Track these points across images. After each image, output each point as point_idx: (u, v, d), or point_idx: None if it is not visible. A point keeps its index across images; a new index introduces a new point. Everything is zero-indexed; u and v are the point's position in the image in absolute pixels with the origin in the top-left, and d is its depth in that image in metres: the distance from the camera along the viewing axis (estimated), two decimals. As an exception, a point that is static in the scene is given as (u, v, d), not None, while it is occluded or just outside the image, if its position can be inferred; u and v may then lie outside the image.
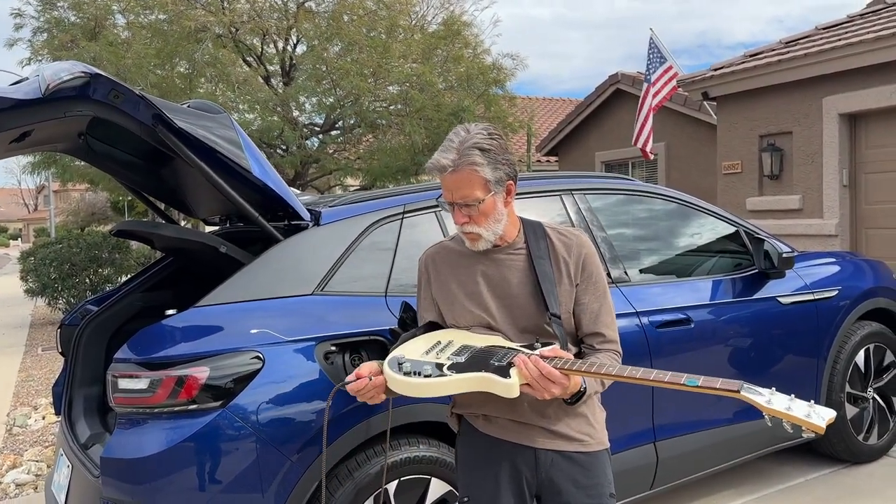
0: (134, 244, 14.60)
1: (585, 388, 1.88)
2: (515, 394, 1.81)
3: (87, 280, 11.42)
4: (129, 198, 17.77)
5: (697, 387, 1.69)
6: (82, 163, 10.96)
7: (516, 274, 2.03)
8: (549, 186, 3.38)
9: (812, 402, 1.66)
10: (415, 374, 1.87)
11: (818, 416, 1.62)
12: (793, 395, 1.68)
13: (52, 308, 11.62)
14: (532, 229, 2.08)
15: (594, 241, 3.32)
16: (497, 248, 2.05)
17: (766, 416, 1.65)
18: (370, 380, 1.95)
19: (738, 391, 1.64)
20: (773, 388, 1.69)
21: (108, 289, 11.33)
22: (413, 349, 1.99)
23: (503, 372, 1.82)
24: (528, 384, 1.79)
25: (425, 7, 10.91)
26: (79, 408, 3.26)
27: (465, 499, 2.10)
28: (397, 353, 1.98)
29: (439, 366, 1.88)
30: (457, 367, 1.87)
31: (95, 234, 12.24)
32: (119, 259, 11.71)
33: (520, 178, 2.08)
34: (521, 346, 1.92)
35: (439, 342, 2.00)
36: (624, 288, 3.30)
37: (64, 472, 2.89)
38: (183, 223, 5.93)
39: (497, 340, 1.97)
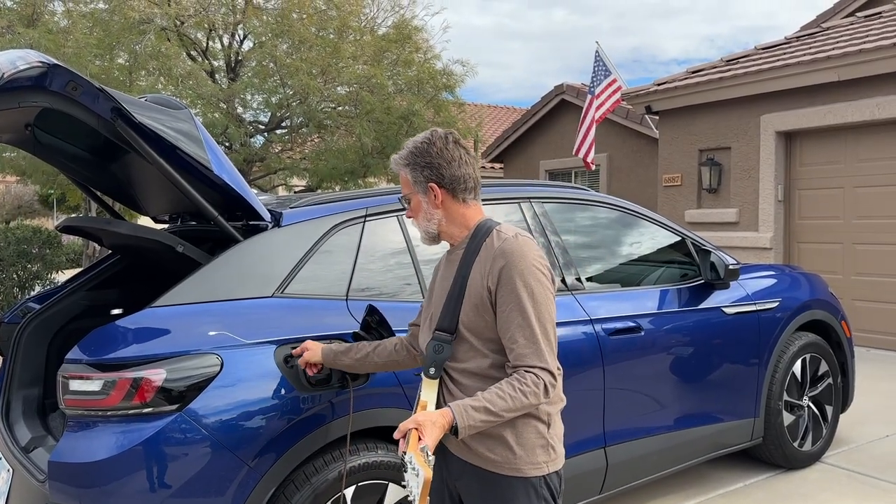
0: (65, 239, 14.06)
1: (457, 423, 1.79)
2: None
3: (15, 276, 10.94)
4: (61, 192, 17.12)
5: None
6: (13, 153, 10.51)
7: (451, 276, 2.08)
8: (507, 194, 3.41)
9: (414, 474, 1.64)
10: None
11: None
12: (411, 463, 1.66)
13: (-24, 304, 11.09)
14: (478, 232, 2.05)
15: (549, 249, 3.37)
16: (453, 246, 2.13)
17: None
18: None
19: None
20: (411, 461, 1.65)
21: (37, 285, 10.91)
22: None
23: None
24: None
25: (375, 10, 10.86)
26: (18, 409, 3.12)
27: None
28: None
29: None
30: None
31: (25, 228, 11.74)
32: (49, 255, 11.27)
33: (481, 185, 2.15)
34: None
35: None
36: (578, 295, 3.35)
37: (3, 476, 2.77)
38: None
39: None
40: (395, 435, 1.77)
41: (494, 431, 1.94)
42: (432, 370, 2.01)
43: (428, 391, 2.01)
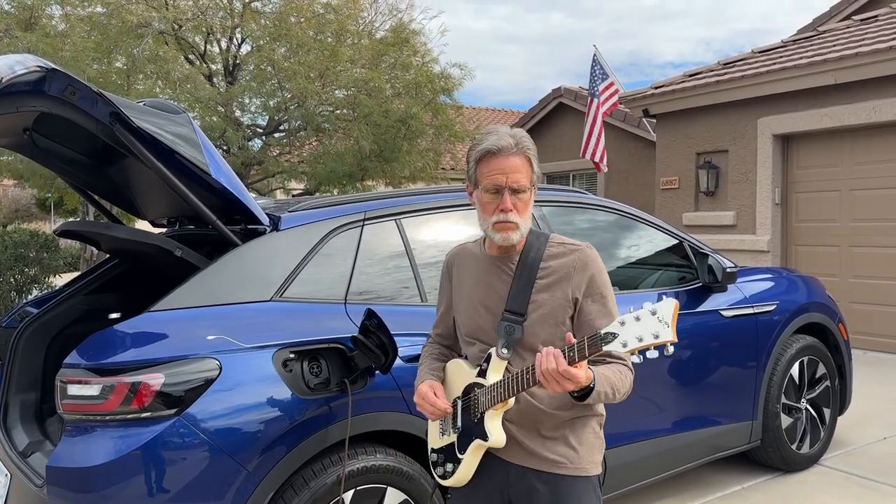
0: (62, 243, 14.05)
1: (595, 385, 1.78)
2: (501, 444, 1.93)
3: (12, 280, 10.93)
4: (58, 196, 17.09)
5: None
6: (11, 157, 10.50)
7: (509, 283, 1.99)
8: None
9: (649, 311, 1.60)
10: (447, 474, 2.03)
11: (666, 329, 1.57)
12: (628, 319, 1.63)
13: (-27, 308, 11.08)
14: (536, 238, 2.00)
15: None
16: (507, 254, 2.02)
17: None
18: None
19: (600, 348, 1.65)
20: (623, 321, 1.64)
21: (34, 289, 10.89)
22: (432, 432, 2.12)
23: (481, 434, 1.94)
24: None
25: (373, 13, 10.87)
26: (15, 414, 3.12)
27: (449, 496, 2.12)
28: (430, 442, 2.13)
29: (453, 454, 2.02)
30: (460, 446, 2.01)
31: (22, 231, 11.73)
32: (47, 259, 11.25)
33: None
34: (479, 380, 1.98)
35: (444, 419, 2.09)
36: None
37: (1, 481, 2.76)
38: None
39: (466, 378, 2.03)
40: (539, 365, 1.72)
41: (556, 433, 1.95)
42: (504, 350, 1.94)
43: (493, 374, 1.96)
